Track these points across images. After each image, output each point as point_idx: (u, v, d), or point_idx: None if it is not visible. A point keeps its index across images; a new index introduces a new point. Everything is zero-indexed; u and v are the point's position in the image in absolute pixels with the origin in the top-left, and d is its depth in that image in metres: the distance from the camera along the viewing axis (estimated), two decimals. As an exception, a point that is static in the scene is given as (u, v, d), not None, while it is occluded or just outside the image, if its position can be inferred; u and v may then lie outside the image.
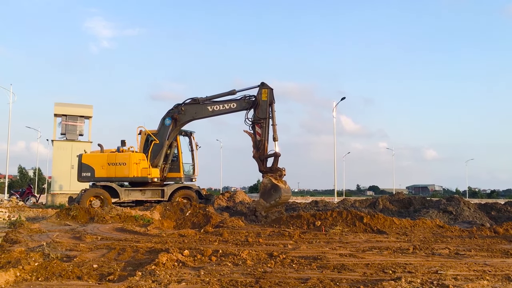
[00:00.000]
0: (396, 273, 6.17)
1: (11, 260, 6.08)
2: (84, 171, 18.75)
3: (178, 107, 18.71)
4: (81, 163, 18.83)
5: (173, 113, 18.68)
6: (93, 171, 18.68)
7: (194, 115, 18.62)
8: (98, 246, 8.56)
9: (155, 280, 5.44)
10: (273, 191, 16.07)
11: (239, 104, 18.10)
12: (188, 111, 18.58)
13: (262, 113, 17.60)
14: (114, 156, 18.77)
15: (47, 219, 13.82)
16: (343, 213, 12.83)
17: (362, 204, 19.64)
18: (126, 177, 18.80)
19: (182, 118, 18.69)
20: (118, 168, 18.65)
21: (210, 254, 7.47)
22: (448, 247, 9.02)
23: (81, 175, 18.78)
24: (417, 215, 15.39)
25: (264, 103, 17.69)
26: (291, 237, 10.42)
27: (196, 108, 18.48)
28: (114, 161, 18.72)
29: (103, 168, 18.65)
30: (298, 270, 6.39)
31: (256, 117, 17.64)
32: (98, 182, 18.89)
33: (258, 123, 17.59)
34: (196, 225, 13.14)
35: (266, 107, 17.71)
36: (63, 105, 26.93)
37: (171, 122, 18.71)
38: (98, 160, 18.94)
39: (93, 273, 5.97)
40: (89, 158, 18.99)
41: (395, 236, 10.98)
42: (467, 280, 5.76)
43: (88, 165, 18.78)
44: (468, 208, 16.72)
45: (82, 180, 18.96)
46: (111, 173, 18.72)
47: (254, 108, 17.78)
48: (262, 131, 17.49)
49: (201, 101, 18.39)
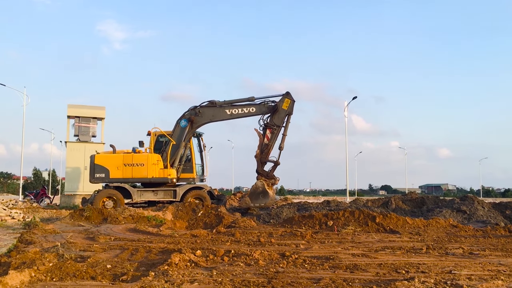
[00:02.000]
0: (409, 273, 6.13)
1: (26, 260, 6.15)
2: (97, 172, 18.64)
3: (195, 109, 18.96)
4: (94, 164, 18.69)
5: (189, 115, 18.95)
6: (107, 172, 18.61)
7: (212, 117, 19.01)
8: (112, 247, 8.63)
9: (168, 280, 5.47)
10: (262, 195, 17.42)
11: (258, 108, 18.62)
12: (205, 114, 18.91)
13: (278, 120, 18.29)
14: (131, 157, 18.78)
15: (61, 220, 13.96)
16: (355, 212, 12.77)
17: (374, 203, 19.52)
18: (145, 178, 18.82)
19: (199, 120, 18.98)
20: (135, 169, 18.69)
21: (223, 254, 7.49)
22: (462, 246, 8.94)
23: (94, 176, 18.67)
24: (430, 215, 15.26)
25: (283, 111, 18.34)
26: (303, 237, 10.40)
27: (213, 110, 18.88)
28: (131, 162, 18.70)
29: (119, 169, 18.63)
30: (310, 270, 6.38)
31: (271, 121, 18.27)
32: (113, 183, 18.83)
33: (271, 127, 18.23)
34: (208, 225, 13.18)
35: (283, 115, 18.40)
36: (76, 107, 27.16)
37: (187, 123, 18.96)
38: (113, 161, 18.87)
39: (106, 273, 6.02)
40: (103, 159, 18.88)
41: (408, 236, 10.91)
42: (481, 280, 5.70)
43: (102, 166, 18.67)
44: (482, 207, 16.53)
45: (96, 181, 18.88)
46: (127, 174, 18.68)
47: (271, 113, 18.36)
48: (271, 136, 18.22)
49: (218, 104, 18.77)
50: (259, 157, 18.34)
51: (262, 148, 18.30)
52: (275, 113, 18.34)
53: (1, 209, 16.13)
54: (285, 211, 15.88)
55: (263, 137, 18.34)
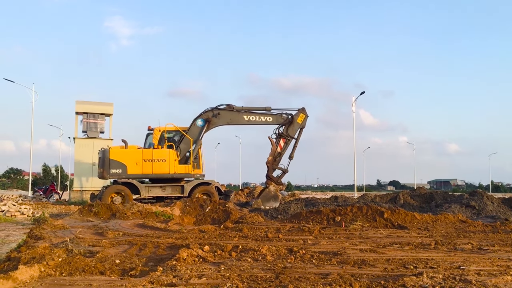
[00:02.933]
0: (417, 269, 6.11)
1: (36, 255, 6.20)
2: (113, 168, 18.28)
3: (213, 111, 19.60)
4: (110, 159, 18.27)
5: (208, 115, 19.54)
6: (125, 168, 18.35)
7: (229, 121, 19.90)
8: (120, 242, 8.68)
9: (176, 275, 5.49)
10: (273, 199, 19.37)
11: (275, 119, 20.12)
12: (223, 117, 19.66)
13: (292, 131, 20.00)
14: (151, 152, 18.75)
15: (70, 216, 14.06)
16: (363, 208, 12.74)
17: (382, 199, 19.45)
18: (167, 173, 18.89)
19: (216, 122, 19.65)
20: (156, 164, 18.66)
21: (230, 250, 7.50)
22: (471, 242, 8.89)
23: (109, 171, 18.26)
24: (439, 210, 15.18)
25: (297, 124, 20.09)
26: (311, 232, 10.40)
27: (232, 115, 19.75)
28: (151, 158, 18.63)
29: (138, 164, 18.48)
30: (318, 266, 6.37)
31: (286, 132, 19.94)
32: (130, 178, 18.67)
33: (285, 138, 19.98)
34: (216, 221, 13.21)
35: (297, 128, 20.15)
36: (84, 103, 27.27)
37: (204, 123, 19.53)
38: (131, 156, 18.61)
39: (115, 268, 6.05)
40: (120, 154, 18.54)
41: (417, 231, 10.87)
42: (490, 275, 5.67)
43: (118, 161, 18.36)
44: (492, 202, 16.42)
45: (111, 177, 18.49)
46: (147, 169, 18.59)
47: (287, 125, 20.00)
48: (284, 146, 19.96)
49: (236, 109, 19.73)
50: (272, 164, 19.82)
51: (275, 155, 19.85)
52: (290, 125, 19.95)
53: (11, 204, 16.27)
54: (293, 207, 15.88)
55: (276, 146, 19.85)
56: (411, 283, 5.15)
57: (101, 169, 18.62)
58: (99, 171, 19.12)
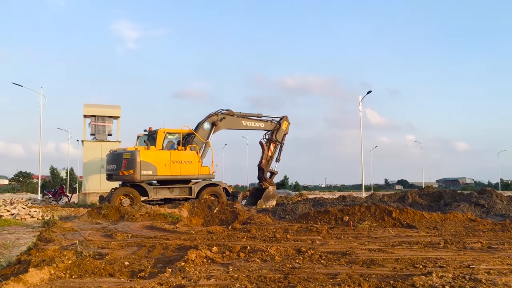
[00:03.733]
0: (427, 268, 6.08)
1: (46, 258, 6.24)
2: (144, 169, 18.04)
3: (218, 115, 20.73)
4: (141, 160, 17.95)
5: (214, 119, 20.55)
6: (155, 169, 18.23)
7: (231, 125, 21.29)
8: (129, 244, 8.71)
9: (185, 277, 5.51)
10: (272, 198, 21.65)
11: (266, 125, 22.37)
12: (227, 121, 20.94)
13: (279, 137, 22.66)
14: (178, 154, 18.86)
15: (79, 218, 14.14)
16: (371, 207, 12.71)
17: (390, 198, 19.39)
18: (192, 174, 19.21)
19: (221, 126, 20.77)
20: (183, 166, 18.81)
21: (239, 251, 7.51)
22: (480, 240, 8.84)
23: (141, 173, 17.96)
24: (448, 209, 15.10)
25: (283, 131, 22.75)
26: (319, 232, 10.38)
27: (233, 120, 21.20)
28: (178, 159, 18.71)
29: (167, 166, 18.49)
30: (326, 266, 6.37)
31: (275, 137, 22.49)
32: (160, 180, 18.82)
33: (274, 143, 22.51)
34: (224, 222, 13.23)
35: (283, 134, 22.80)
36: (92, 106, 27.41)
37: (210, 126, 20.42)
38: (160, 157, 18.54)
39: (124, 270, 6.08)
40: (150, 156, 18.34)
41: (425, 230, 10.82)
42: (500, 274, 5.63)
43: (149, 162, 18.18)
44: (501, 200, 16.32)
45: (143, 178, 18.17)
46: (175, 171, 18.64)
47: (275, 131, 22.49)
48: (274, 150, 22.59)
49: (235, 115, 21.27)
50: (264, 166, 22.23)
51: (267, 159, 22.36)
52: (278, 131, 22.54)
53: (21, 208, 16.40)
54: (301, 207, 15.87)
55: (268, 150, 22.30)
56: (421, 282, 5.13)
57: (131, 170, 17.95)
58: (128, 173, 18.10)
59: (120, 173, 18.25)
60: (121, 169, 18.17)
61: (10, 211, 15.78)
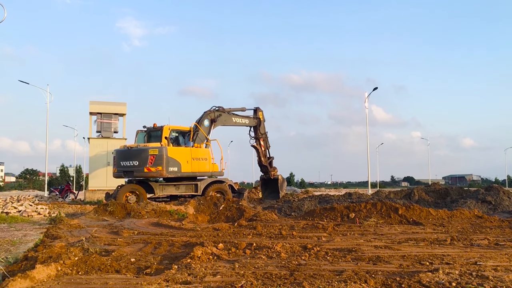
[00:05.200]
0: (433, 265, 6.06)
1: (52, 255, 6.27)
2: (171, 166, 18.09)
3: (214, 112, 20.92)
4: (168, 157, 17.99)
5: (212, 116, 20.72)
6: (179, 166, 18.35)
7: (224, 122, 21.48)
8: (135, 241, 8.74)
9: (191, 273, 5.52)
10: (283, 183, 24.10)
11: (250, 121, 23.01)
12: (222, 118, 21.13)
13: (263, 128, 23.48)
14: (196, 151, 19.02)
15: (86, 215, 14.19)
16: (377, 204, 12.67)
17: (397, 195, 19.32)
18: (207, 171, 19.46)
19: (218, 122, 20.88)
20: (201, 163, 19.06)
21: (244, 247, 7.51)
22: (487, 237, 8.79)
23: (168, 169, 17.97)
24: (455, 206, 15.04)
25: (262, 121, 23.44)
26: (325, 229, 10.37)
27: (226, 117, 21.52)
28: (197, 156, 18.89)
29: (188, 163, 18.64)
30: (332, 263, 6.35)
31: (260, 132, 23.21)
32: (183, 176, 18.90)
33: (262, 137, 23.30)
34: (229, 219, 13.24)
35: (263, 125, 23.56)
36: (97, 103, 27.48)
37: (209, 123, 20.49)
38: (183, 154, 18.69)
39: (131, 266, 6.10)
40: (176, 152, 18.42)
41: (432, 227, 10.78)
42: (507, 271, 5.60)
43: (175, 159, 18.26)
44: (508, 197, 16.23)
45: (169, 174, 18.17)
46: (195, 168, 18.83)
47: (257, 126, 23.12)
48: (264, 143, 23.55)
49: (226, 111, 21.65)
50: (267, 162, 23.50)
51: (264, 154, 23.47)
52: (260, 125, 23.27)
53: (28, 205, 16.50)
54: (307, 204, 15.86)
55: (261, 148, 23.27)
56: (427, 279, 5.11)
57: (160, 167, 17.83)
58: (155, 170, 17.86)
59: (145, 169, 17.92)
60: (146, 166, 17.91)
61: (17, 208, 15.88)
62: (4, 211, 15.28)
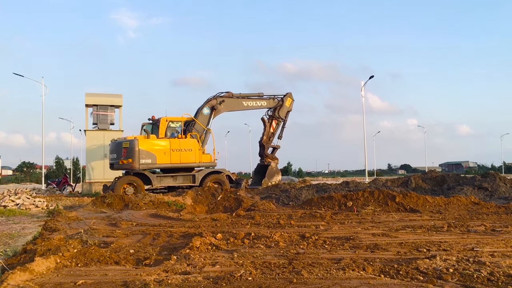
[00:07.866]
0: (430, 251, 6.10)
1: (51, 247, 6.27)
2: (143, 158, 18.07)
3: (217, 99, 20.65)
4: (140, 149, 17.99)
5: (213, 103, 20.48)
6: (154, 158, 18.26)
7: (232, 107, 21.28)
8: (134, 232, 8.76)
9: (190, 264, 5.54)
10: (276, 173, 22.35)
11: (268, 103, 22.55)
12: (227, 104, 20.88)
13: (282, 113, 22.77)
14: (178, 142, 18.83)
15: (84, 207, 14.19)
16: (374, 193, 12.72)
17: (394, 183, 19.38)
18: (193, 162, 19.16)
19: (221, 109, 20.69)
20: (183, 154, 18.79)
21: (243, 237, 7.54)
22: (484, 224, 8.85)
23: (140, 162, 18.00)
24: (451, 193, 15.11)
25: (286, 107, 22.88)
26: (322, 218, 10.41)
27: (233, 102, 21.18)
28: (178, 147, 18.66)
29: (166, 154, 18.48)
30: (330, 251, 6.39)
31: (277, 114, 22.64)
32: (159, 169, 18.84)
33: (277, 119, 22.71)
34: (228, 209, 13.27)
35: (286, 111, 22.93)
36: (93, 95, 27.32)
37: (210, 111, 20.37)
38: (159, 146, 18.56)
39: (130, 258, 6.11)
40: (149, 144, 18.39)
41: (429, 214, 10.83)
42: (504, 256, 5.65)
43: (148, 151, 18.20)
44: (504, 183, 16.32)
45: (141, 167, 18.19)
46: (175, 159, 18.64)
47: (278, 108, 22.61)
48: (276, 127, 22.81)
49: (235, 96, 21.30)
50: (266, 143, 22.52)
51: (269, 135, 22.62)
52: (281, 108, 22.62)
53: (25, 198, 16.47)
54: (304, 193, 15.90)
55: (269, 127, 22.54)
56: (425, 266, 5.15)
57: (130, 159, 18.08)
58: (127, 162, 18.18)
59: (120, 162, 18.34)
60: (120, 158, 18.30)
61: (14, 201, 15.85)
62: (1, 204, 15.25)
